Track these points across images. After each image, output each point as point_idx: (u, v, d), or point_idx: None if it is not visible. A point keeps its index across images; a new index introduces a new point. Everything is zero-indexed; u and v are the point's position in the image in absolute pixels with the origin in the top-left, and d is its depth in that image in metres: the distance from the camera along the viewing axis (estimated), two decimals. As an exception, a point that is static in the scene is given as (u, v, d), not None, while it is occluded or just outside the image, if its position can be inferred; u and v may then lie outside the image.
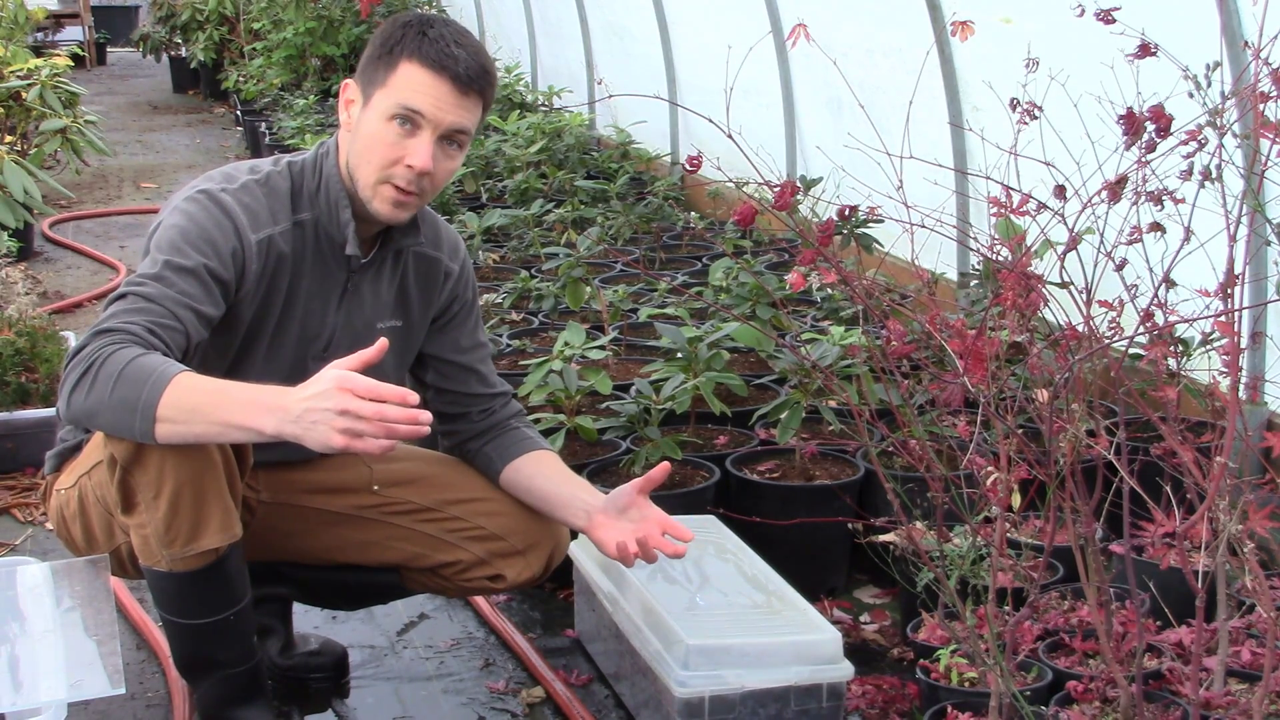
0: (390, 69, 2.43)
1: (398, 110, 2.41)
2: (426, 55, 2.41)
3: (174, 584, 2.43)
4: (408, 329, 2.68)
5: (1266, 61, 1.82)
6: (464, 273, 2.74)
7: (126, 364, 2.19)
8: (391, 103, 2.42)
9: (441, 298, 2.71)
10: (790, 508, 3.22)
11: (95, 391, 2.20)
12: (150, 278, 2.33)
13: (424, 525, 2.72)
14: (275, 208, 2.50)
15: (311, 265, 2.54)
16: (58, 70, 6.96)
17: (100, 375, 2.20)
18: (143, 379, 2.19)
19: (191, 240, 2.38)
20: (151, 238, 2.43)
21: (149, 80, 14.24)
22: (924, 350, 2.76)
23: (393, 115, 2.42)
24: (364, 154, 2.46)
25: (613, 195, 5.93)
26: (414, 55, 2.42)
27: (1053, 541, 2.19)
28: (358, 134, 2.48)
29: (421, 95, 2.41)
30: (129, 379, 2.19)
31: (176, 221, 2.41)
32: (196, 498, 2.34)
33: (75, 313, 5.94)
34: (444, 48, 2.42)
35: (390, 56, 2.43)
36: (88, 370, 2.21)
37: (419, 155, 2.42)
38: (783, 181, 2.06)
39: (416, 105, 2.41)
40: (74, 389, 2.22)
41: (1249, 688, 2.42)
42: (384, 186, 2.46)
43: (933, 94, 4.64)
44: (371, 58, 2.47)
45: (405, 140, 2.43)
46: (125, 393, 2.19)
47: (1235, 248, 1.92)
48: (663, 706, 2.60)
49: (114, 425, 2.24)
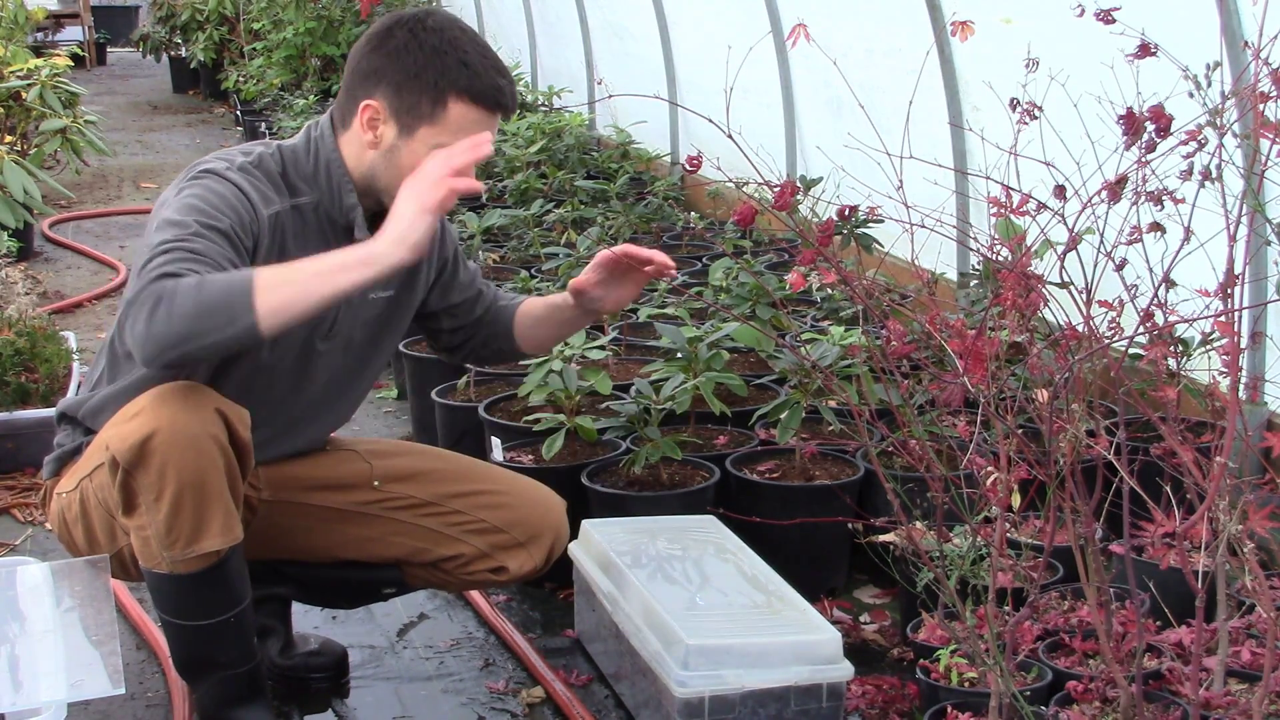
0: (439, 105, 2.43)
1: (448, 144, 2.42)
2: (478, 93, 2.43)
3: (174, 586, 2.43)
4: (398, 299, 2.71)
5: (1266, 61, 1.82)
6: (445, 233, 2.79)
7: (200, 279, 2.19)
8: (447, 142, 2.41)
9: (432, 263, 2.75)
10: (790, 508, 3.22)
11: (176, 310, 2.16)
12: (191, 235, 2.30)
13: (425, 519, 2.72)
14: (274, 188, 2.51)
15: (314, 248, 2.54)
16: (58, 70, 6.96)
17: (176, 295, 2.17)
18: (223, 279, 2.21)
19: (216, 206, 2.38)
20: (160, 214, 2.39)
21: (149, 80, 14.24)
22: (924, 350, 2.76)
23: (442, 146, 2.41)
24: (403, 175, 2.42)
25: (613, 195, 5.93)
26: (465, 93, 2.43)
27: (1053, 541, 2.20)
28: (396, 160, 2.47)
29: (474, 133, 2.42)
30: (209, 285, 2.19)
31: (194, 193, 2.39)
32: (198, 500, 2.34)
33: (75, 313, 5.94)
34: (491, 81, 2.44)
35: (436, 91, 2.42)
36: (159, 300, 2.17)
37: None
38: (783, 181, 2.06)
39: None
40: (151, 320, 2.17)
41: (1249, 688, 2.42)
42: None
43: (933, 94, 4.63)
44: (406, 84, 2.44)
45: None
46: (211, 294, 2.18)
47: (1235, 248, 1.92)
48: (663, 706, 2.60)
49: (208, 328, 2.17)
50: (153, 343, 2.18)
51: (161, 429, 2.30)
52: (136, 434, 2.31)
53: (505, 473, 2.92)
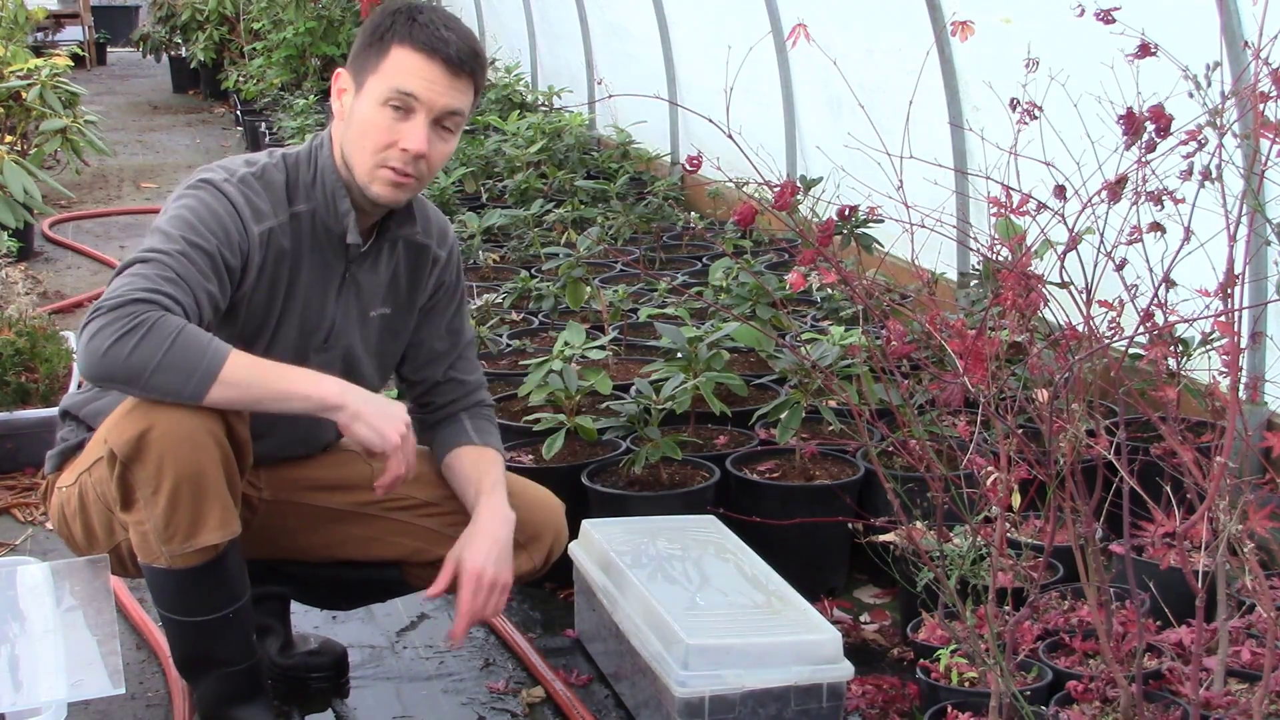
0: (382, 55, 2.46)
1: (391, 94, 2.45)
2: (417, 39, 2.45)
3: (173, 581, 2.43)
4: (395, 316, 2.71)
5: (1266, 61, 1.82)
6: (451, 258, 2.77)
7: (180, 329, 2.26)
8: (385, 87, 2.45)
9: (429, 284, 2.74)
10: (790, 508, 3.22)
11: (144, 349, 2.23)
12: (175, 251, 2.35)
13: (425, 520, 2.72)
14: (273, 201, 2.52)
15: (310, 257, 2.55)
16: (58, 70, 6.95)
17: (151, 335, 2.23)
18: (201, 345, 2.27)
19: (207, 224, 2.41)
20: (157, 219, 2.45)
21: (149, 80, 14.24)
22: (924, 350, 2.76)
23: (386, 100, 2.45)
24: (359, 140, 2.49)
25: (613, 195, 5.93)
26: (405, 40, 2.45)
27: (1053, 541, 2.20)
28: (351, 121, 2.51)
29: (414, 78, 2.44)
30: (185, 344, 2.25)
31: (188, 204, 2.44)
32: (195, 494, 2.34)
33: (75, 313, 5.94)
34: (434, 31, 2.46)
35: (381, 43, 2.47)
36: (135, 328, 2.23)
37: (414, 138, 2.46)
38: (783, 181, 2.06)
39: (410, 88, 2.44)
40: (116, 342, 2.23)
41: (1249, 688, 2.42)
42: (381, 170, 2.49)
43: (933, 94, 4.63)
44: (362, 46, 2.51)
45: (399, 124, 2.46)
46: (182, 356, 2.24)
47: (1235, 248, 1.92)
48: (663, 706, 2.60)
49: (159, 384, 2.26)
50: (105, 363, 2.26)
51: (159, 423, 2.30)
52: (134, 428, 2.31)
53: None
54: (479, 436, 2.76)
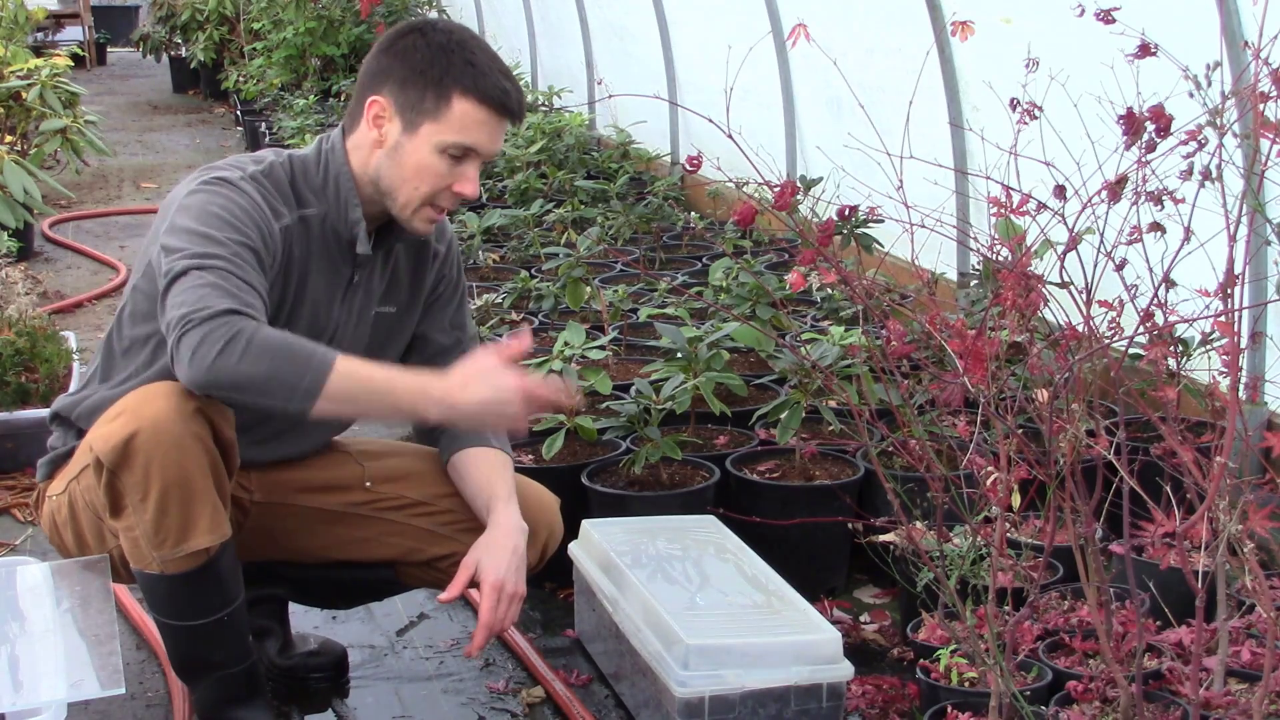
0: (443, 101, 2.45)
1: (454, 147, 2.46)
2: (484, 93, 2.45)
3: (166, 586, 2.43)
4: (399, 314, 2.71)
5: (1266, 61, 1.82)
6: (450, 253, 2.77)
7: (281, 339, 2.26)
8: (449, 139, 2.46)
9: (430, 279, 2.74)
10: (790, 508, 3.22)
11: (249, 360, 2.22)
12: (232, 256, 2.34)
13: (418, 519, 2.72)
14: (283, 200, 2.52)
15: (318, 259, 2.55)
16: (58, 70, 6.95)
17: (254, 344, 2.23)
18: (306, 355, 2.27)
19: (242, 221, 2.40)
20: (177, 218, 2.39)
21: (149, 80, 14.24)
22: (924, 350, 2.76)
23: (447, 149, 2.46)
24: (411, 180, 2.49)
25: (613, 195, 5.93)
26: (470, 92, 2.45)
27: (1053, 541, 2.20)
28: (400, 159, 2.49)
29: (480, 133, 2.47)
30: (289, 353, 2.25)
31: (218, 202, 2.41)
32: (184, 498, 2.34)
33: (75, 313, 5.94)
34: (496, 82, 2.47)
35: (440, 88, 2.45)
36: (235, 337, 2.22)
37: (471, 185, 2.50)
38: (783, 181, 2.06)
39: (476, 143, 2.47)
40: (221, 352, 2.21)
41: (1249, 688, 2.42)
42: (427, 209, 2.52)
43: (933, 94, 4.63)
44: (410, 80, 2.46)
45: (454, 168, 2.48)
46: (287, 366, 2.24)
47: (1235, 248, 1.92)
48: (663, 706, 2.60)
49: (267, 393, 2.26)
50: (214, 373, 2.23)
51: (144, 429, 2.30)
52: (119, 434, 2.31)
53: None
54: (488, 436, 2.75)
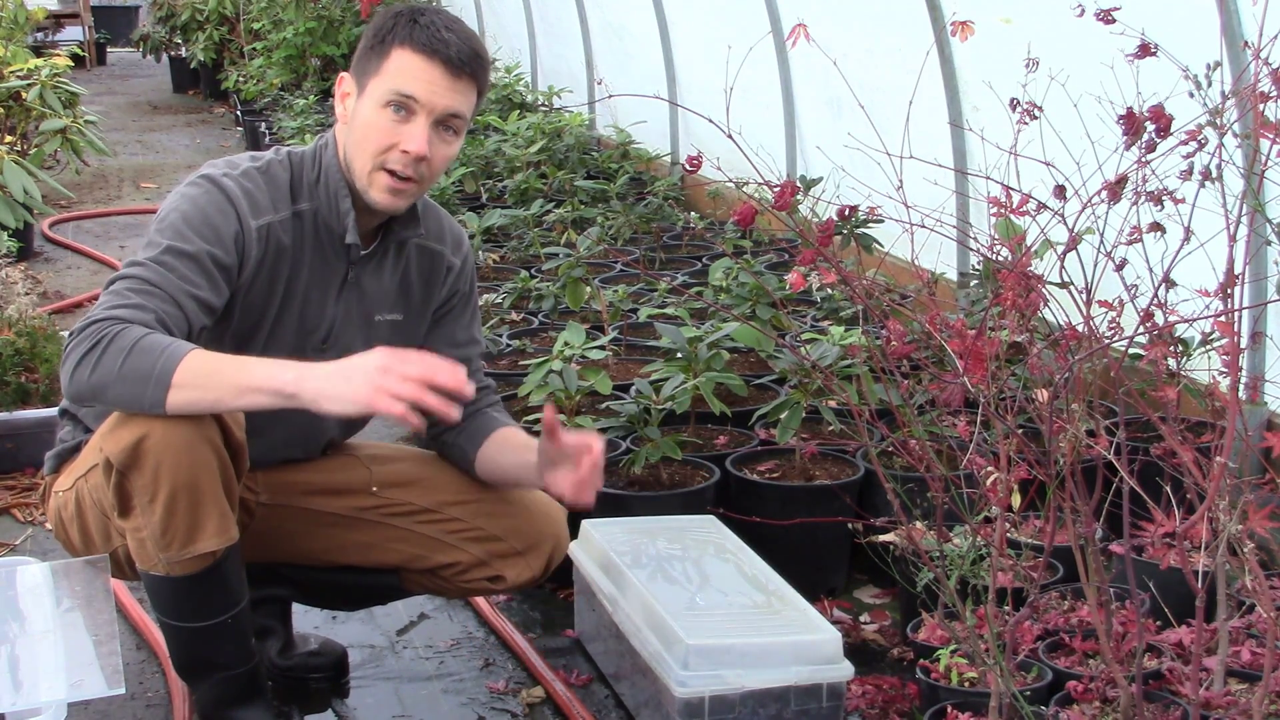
0: (383, 57, 2.47)
1: (391, 96, 2.45)
2: (418, 40, 2.45)
3: (171, 588, 2.43)
4: (407, 322, 2.69)
5: (1266, 61, 1.82)
6: (465, 267, 2.76)
7: (138, 340, 2.24)
8: (385, 89, 2.45)
9: (443, 291, 2.72)
10: (790, 508, 3.22)
11: (103, 365, 2.23)
12: (152, 261, 2.36)
13: (423, 526, 2.72)
14: (275, 196, 2.52)
15: (311, 256, 2.55)
16: (58, 70, 6.95)
17: (109, 350, 2.23)
18: (156, 351, 2.24)
19: (194, 225, 2.41)
20: (155, 223, 2.46)
21: (149, 80, 14.23)
22: (924, 350, 2.76)
23: (387, 102, 2.45)
24: (360, 143, 2.49)
25: (613, 195, 5.93)
26: (405, 41, 2.45)
27: (1053, 541, 2.19)
28: (353, 124, 2.51)
29: (414, 80, 2.44)
30: (141, 352, 2.23)
31: (179, 205, 2.45)
32: (192, 501, 2.34)
33: (75, 313, 5.94)
34: (435, 33, 2.45)
35: (382, 45, 2.47)
36: (94, 346, 2.24)
37: (414, 140, 2.45)
38: (783, 181, 2.06)
39: (410, 90, 2.44)
40: (79, 364, 2.24)
41: (1249, 688, 2.42)
42: (380, 174, 2.48)
43: (933, 94, 4.64)
44: (364, 49, 2.52)
45: (400, 126, 2.46)
46: (137, 364, 2.23)
47: (1235, 248, 1.92)
48: (663, 706, 2.60)
49: (122, 397, 2.26)
50: (73, 387, 2.28)
51: (154, 431, 2.30)
52: (130, 436, 2.31)
53: None
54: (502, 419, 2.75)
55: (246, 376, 2.27)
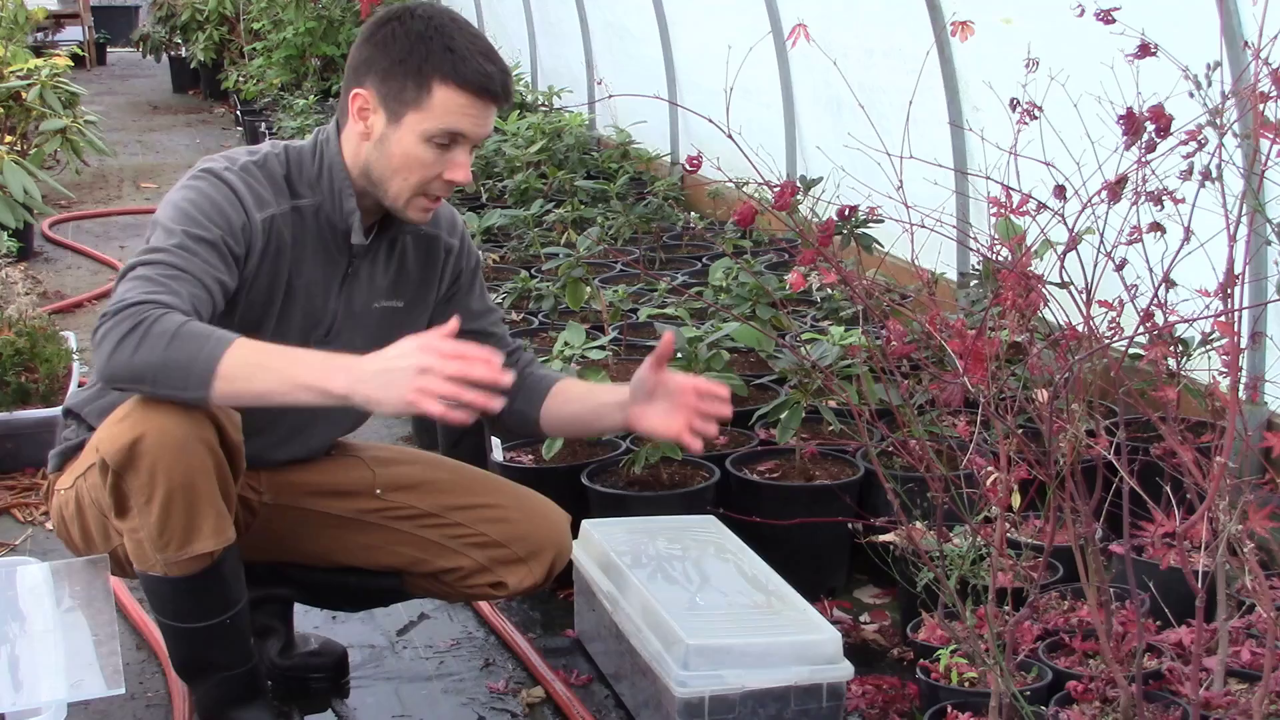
0: (423, 90, 2.42)
1: (439, 134, 2.43)
2: (463, 78, 2.42)
3: (169, 588, 2.43)
4: (408, 309, 2.69)
5: (1266, 61, 1.82)
6: (463, 245, 2.76)
7: (179, 326, 2.21)
8: (433, 127, 2.43)
9: (446, 275, 2.73)
10: (790, 508, 3.22)
11: (145, 349, 2.20)
12: (176, 247, 2.34)
13: (426, 531, 2.71)
14: (274, 190, 2.52)
15: (313, 250, 2.55)
16: (58, 70, 6.95)
17: (151, 333, 2.20)
18: (201, 339, 2.21)
19: (207, 213, 2.40)
20: (158, 213, 2.44)
21: (149, 80, 14.24)
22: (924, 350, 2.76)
23: (432, 138, 2.44)
24: (399, 170, 2.47)
25: (613, 195, 5.93)
26: (449, 78, 2.41)
27: (1053, 541, 2.20)
28: (386, 150, 2.47)
29: (463, 119, 2.43)
30: (184, 338, 2.20)
31: (187, 196, 2.43)
32: (189, 502, 2.33)
33: (75, 313, 5.94)
34: (477, 66, 2.43)
35: (419, 76, 2.42)
36: (135, 329, 2.21)
37: (462, 171, 2.47)
38: (782, 181, 2.06)
39: (460, 128, 2.44)
40: (118, 345, 2.21)
41: (1249, 688, 2.42)
42: (419, 198, 2.50)
43: (933, 94, 4.63)
44: (391, 70, 2.44)
45: (442, 155, 2.46)
46: (180, 352, 2.20)
47: (1235, 248, 1.92)
48: (663, 706, 2.60)
49: (162, 381, 2.22)
50: (111, 367, 2.24)
51: (150, 432, 2.29)
52: (125, 437, 2.30)
53: (510, 485, 2.85)
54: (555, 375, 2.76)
55: (299, 373, 2.21)
